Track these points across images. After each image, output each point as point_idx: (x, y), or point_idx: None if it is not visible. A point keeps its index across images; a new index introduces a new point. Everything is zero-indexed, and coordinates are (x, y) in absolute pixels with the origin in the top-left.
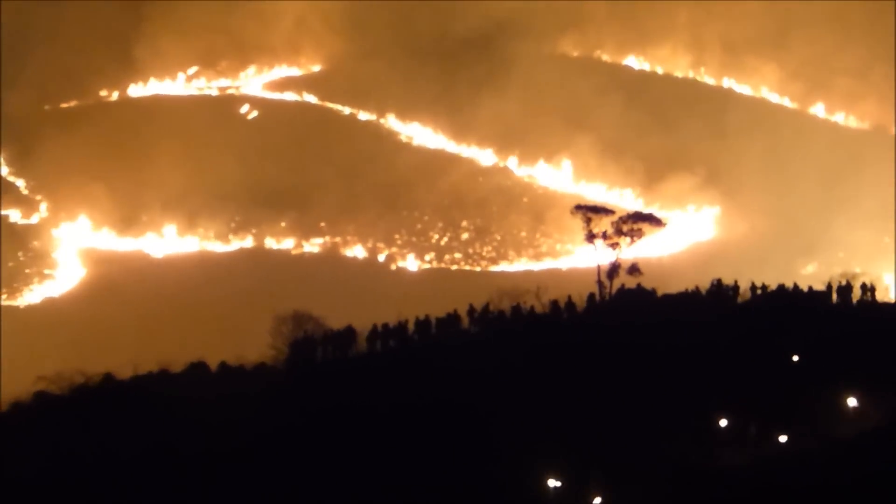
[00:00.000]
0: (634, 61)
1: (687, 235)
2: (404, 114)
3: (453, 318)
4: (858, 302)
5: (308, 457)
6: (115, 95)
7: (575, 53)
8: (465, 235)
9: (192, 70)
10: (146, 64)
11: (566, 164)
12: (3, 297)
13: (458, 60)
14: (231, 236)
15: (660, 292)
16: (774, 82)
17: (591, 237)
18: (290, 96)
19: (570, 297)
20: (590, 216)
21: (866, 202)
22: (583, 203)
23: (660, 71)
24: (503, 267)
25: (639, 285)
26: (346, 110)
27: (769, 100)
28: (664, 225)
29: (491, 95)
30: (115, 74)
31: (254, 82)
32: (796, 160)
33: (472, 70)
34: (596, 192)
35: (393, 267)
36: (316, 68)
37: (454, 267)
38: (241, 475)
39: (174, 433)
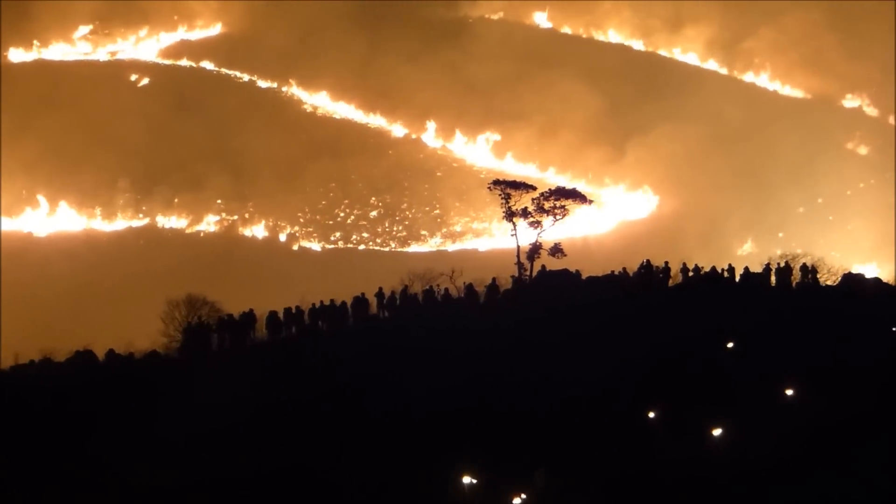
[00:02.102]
0: (566, 28)
1: (617, 214)
2: (308, 82)
3: (361, 302)
4: (798, 284)
5: (202, 451)
6: None
7: (496, 17)
8: (373, 213)
9: (79, 33)
10: (27, 26)
11: (485, 138)
12: None
13: (367, 24)
14: (120, 214)
15: (585, 274)
16: (711, 52)
17: (510, 215)
18: (184, 62)
19: (494, 280)
20: (509, 192)
21: (808, 178)
22: (502, 178)
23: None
24: (415, 248)
25: (564, 269)
26: (246, 77)
27: (705, 69)
28: (590, 202)
29: (403, 62)
30: None
31: (146, 47)
32: (734, 134)
33: (382, 35)
34: (518, 168)
35: (295, 247)
36: (213, 31)
37: (362, 247)
38: (127, 471)
39: (58, 426)
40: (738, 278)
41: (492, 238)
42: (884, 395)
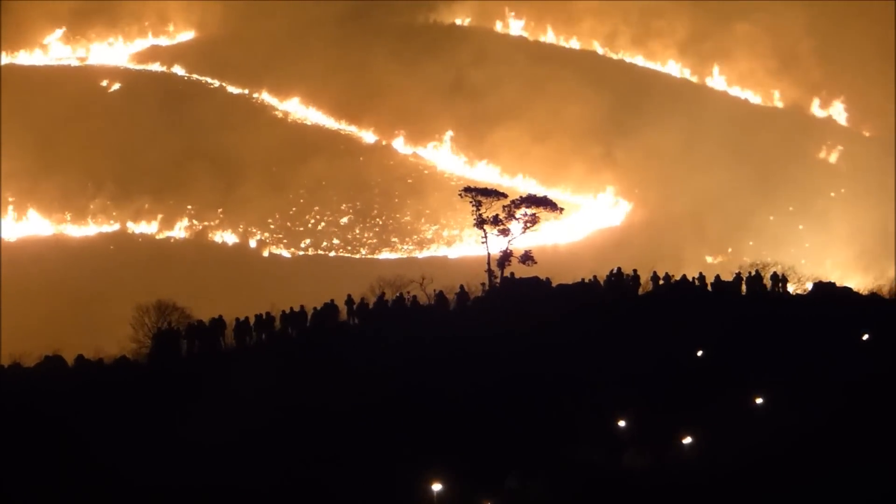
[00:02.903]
0: (538, 35)
1: (589, 223)
2: (279, 88)
3: (331, 308)
4: (769, 293)
5: (172, 458)
6: None
7: (468, 24)
8: (344, 220)
9: (49, 38)
10: None
11: (456, 145)
12: None
13: (338, 31)
14: (90, 219)
15: (556, 282)
16: (683, 60)
17: (480, 223)
18: (156, 68)
19: (462, 287)
20: (480, 199)
21: (779, 186)
22: (472, 185)
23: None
24: (386, 254)
25: (534, 276)
26: (217, 83)
27: (676, 77)
28: (560, 210)
29: (374, 69)
30: None
31: (117, 52)
32: (705, 142)
33: (353, 41)
34: (490, 175)
35: (265, 253)
36: (185, 37)
37: (332, 254)
38: (96, 478)
39: (26, 432)
40: (708, 287)
41: (462, 245)
42: (854, 404)
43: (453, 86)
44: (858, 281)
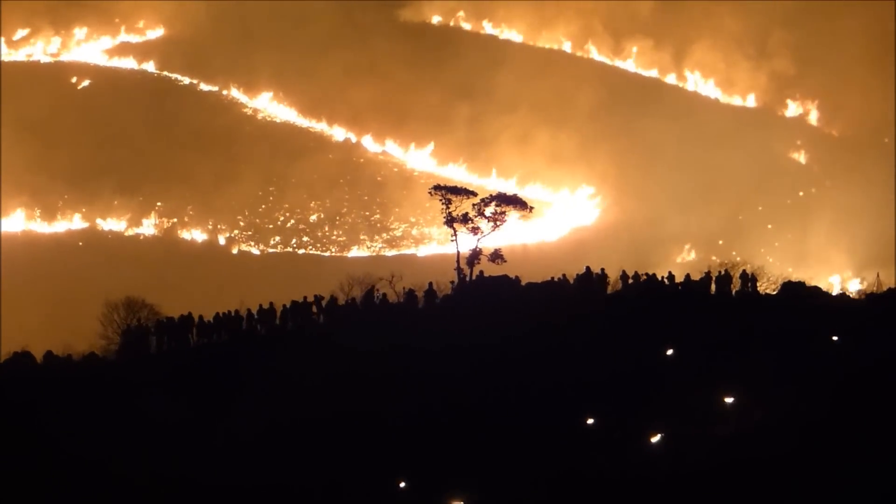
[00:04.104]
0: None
1: (562, 222)
2: (249, 85)
3: (300, 306)
4: (738, 293)
5: (140, 456)
6: None
7: (439, 23)
8: (313, 217)
9: (18, 35)
10: None
11: (426, 143)
12: None
13: (308, 29)
14: (59, 216)
15: (525, 280)
16: (655, 61)
17: (450, 221)
18: (127, 64)
19: (430, 285)
20: (449, 197)
21: (749, 186)
22: (442, 184)
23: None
24: (355, 252)
25: (504, 275)
26: (187, 80)
27: (648, 77)
28: (530, 209)
29: (344, 66)
30: None
31: (87, 49)
32: (676, 142)
33: (324, 39)
34: (461, 174)
35: (235, 251)
36: (156, 34)
37: (301, 251)
38: (67, 473)
39: None
40: (678, 286)
41: (432, 244)
42: (822, 404)
43: (424, 84)
44: (827, 281)
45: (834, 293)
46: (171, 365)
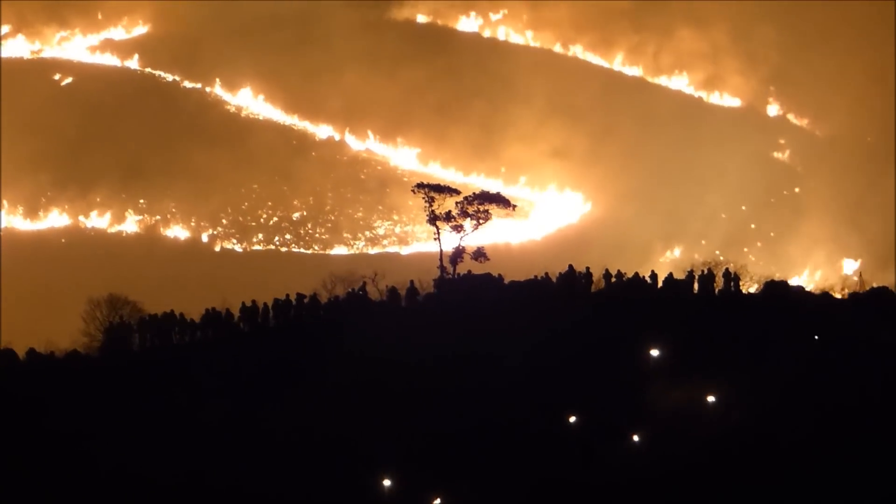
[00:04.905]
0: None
1: (546, 221)
2: (233, 83)
3: (283, 304)
4: (721, 292)
5: (123, 451)
6: None
7: (422, 20)
8: (296, 215)
9: (2, 32)
10: None
11: (411, 141)
12: None
13: (292, 27)
14: (41, 212)
15: (509, 279)
16: (638, 59)
17: (433, 219)
18: (110, 61)
19: (412, 283)
20: (432, 196)
21: (733, 185)
22: (426, 182)
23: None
24: (338, 250)
25: (487, 273)
26: (170, 77)
27: (631, 76)
28: (513, 207)
29: (328, 64)
30: None
31: (71, 46)
32: (660, 141)
33: (308, 37)
34: (445, 172)
35: (217, 248)
36: (139, 31)
37: (284, 249)
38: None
39: None
40: (660, 285)
41: (415, 242)
42: (803, 402)
43: (408, 83)
44: (810, 280)
45: (817, 292)
46: (153, 362)
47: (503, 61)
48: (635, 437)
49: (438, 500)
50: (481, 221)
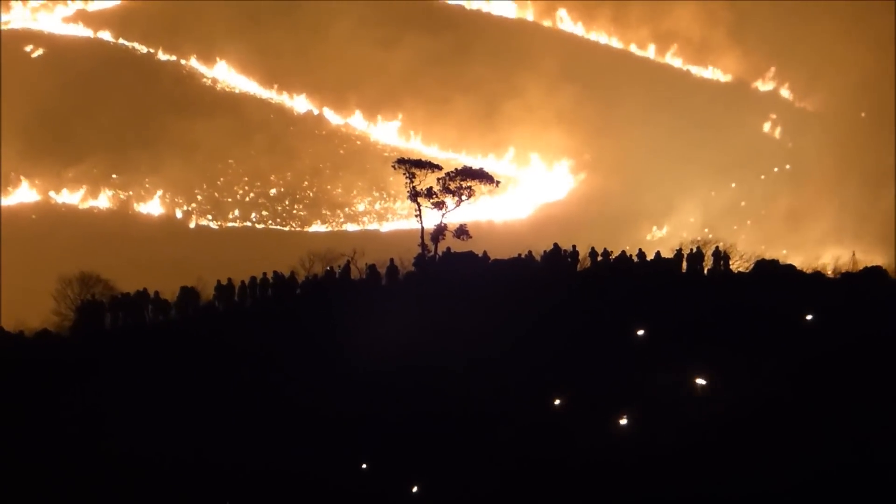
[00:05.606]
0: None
1: (530, 198)
2: (208, 55)
3: (259, 283)
4: (710, 271)
5: (96, 436)
6: None
7: None
8: (273, 191)
9: None
10: None
11: (391, 116)
12: None
13: None
14: (10, 188)
15: (492, 258)
16: (629, 34)
17: (414, 196)
18: (82, 33)
19: (392, 261)
20: (413, 171)
21: (722, 161)
22: (407, 157)
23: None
24: (316, 227)
25: (469, 251)
26: (144, 49)
27: (621, 50)
28: (497, 183)
29: (305, 37)
30: None
31: (42, 18)
32: (648, 116)
33: (285, 9)
34: (427, 148)
35: (192, 225)
36: (113, 2)
37: (261, 226)
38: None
39: None
40: (648, 263)
41: (396, 219)
42: (794, 384)
43: (389, 55)
44: (801, 258)
45: (808, 271)
46: (126, 341)
47: (488, 36)
48: (622, 420)
49: (416, 489)
50: (464, 198)
